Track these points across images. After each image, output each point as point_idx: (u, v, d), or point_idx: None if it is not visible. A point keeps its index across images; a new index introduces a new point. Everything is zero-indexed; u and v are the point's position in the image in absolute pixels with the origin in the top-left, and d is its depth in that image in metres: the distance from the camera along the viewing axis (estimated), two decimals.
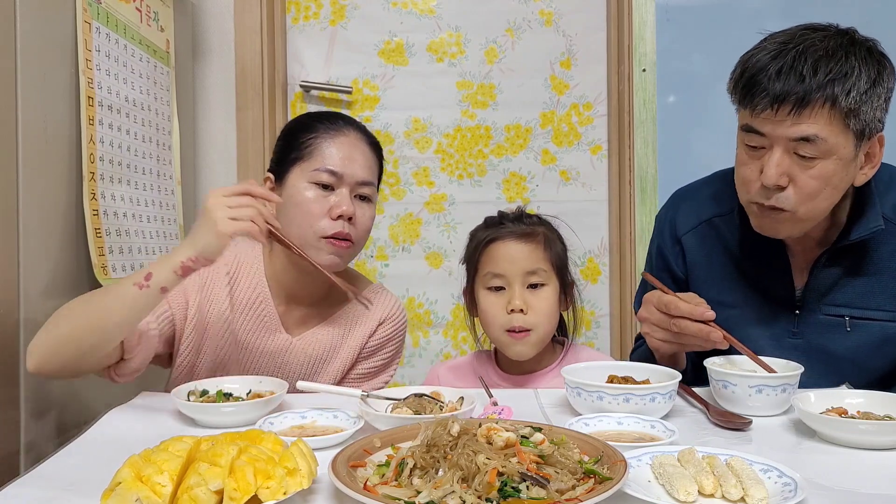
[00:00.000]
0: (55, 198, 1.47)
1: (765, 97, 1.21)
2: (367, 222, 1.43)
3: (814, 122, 1.19)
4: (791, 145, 1.22)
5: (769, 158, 1.24)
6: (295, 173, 1.40)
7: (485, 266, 1.44)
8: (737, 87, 1.28)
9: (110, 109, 1.66)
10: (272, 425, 1.08)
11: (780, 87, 1.20)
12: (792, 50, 1.22)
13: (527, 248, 1.42)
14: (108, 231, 1.61)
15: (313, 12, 2.51)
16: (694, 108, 2.37)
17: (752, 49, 1.28)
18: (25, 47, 1.35)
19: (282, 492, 0.79)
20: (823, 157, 1.22)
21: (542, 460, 0.82)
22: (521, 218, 1.47)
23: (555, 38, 2.52)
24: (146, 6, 1.86)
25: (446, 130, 2.52)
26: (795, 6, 2.31)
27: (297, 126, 1.46)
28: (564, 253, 1.48)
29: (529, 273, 1.41)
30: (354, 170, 1.40)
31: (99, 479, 0.82)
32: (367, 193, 1.43)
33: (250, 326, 1.44)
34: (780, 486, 0.83)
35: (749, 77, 1.25)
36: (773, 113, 1.21)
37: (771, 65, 1.22)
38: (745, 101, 1.25)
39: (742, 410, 1.15)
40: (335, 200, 1.38)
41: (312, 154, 1.40)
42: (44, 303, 1.40)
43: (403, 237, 2.53)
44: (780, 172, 1.23)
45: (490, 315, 1.43)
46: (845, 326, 1.36)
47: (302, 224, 1.38)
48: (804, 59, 1.20)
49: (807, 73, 1.19)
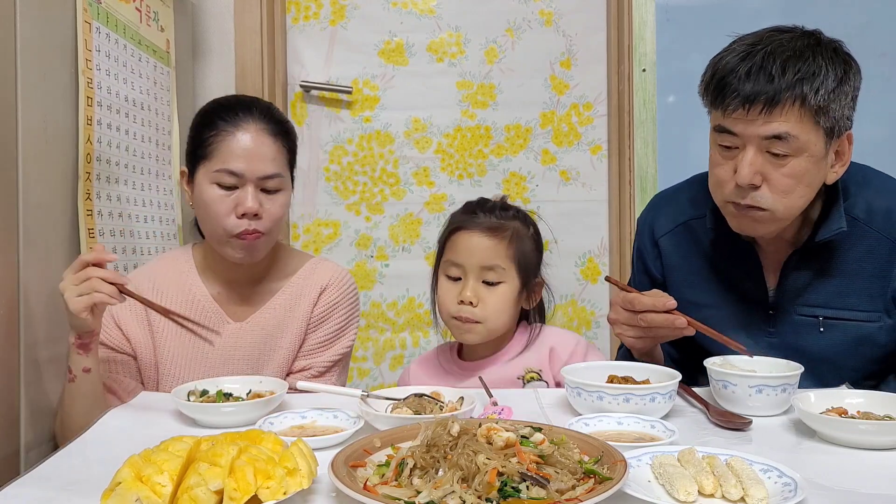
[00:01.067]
0: (55, 198, 1.47)
1: (736, 97, 1.23)
2: (276, 211, 1.43)
3: (785, 121, 1.22)
4: (763, 144, 1.24)
5: (742, 158, 1.26)
6: (200, 172, 1.42)
7: (447, 252, 1.45)
8: (708, 89, 1.31)
9: (109, 109, 1.66)
10: (272, 425, 1.08)
11: (750, 87, 1.22)
12: (760, 51, 1.25)
13: (489, 242, 1.41)
14: (101, 231, 1.61)
15: (313, 12, 2.51)
16: (694, 108, 2.34)
17: (722, 52, 1.31)
18: (25, 47, 1.35)
19: (282, 492, 0.79)
20: (795, 155, 1.24)
21: (542, 460, 0.82)
22: (495, 210, 1.45)
23: (555, 38, 2.52)
24: (146, 6, 1.86)
25: (446, 130, 2.52)
26: (795, 6, 2.31)
27: (200, 121, 1.46)
28: (535, 251, 1.46)
29: (486, 268, 1.41)
30: (256, 166, 1.39)
31: (99, 479, 0.82)
32: (273, 187, 1.42)
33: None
34: (780, 486, 0.83)
35: (720, 79, 1.27)
36: (744, 113, 1.23)
37: (740, 66, 1.25)
38: (717, 102, 1.28)
39: (742, 410, 1.15)
40: (240, 198, 1.39)
41: (213, 154, 1.40)
42: (43, 303, 1.40)
43: (403, 237, 2.53)
44: (754, 171, 1.25)
45: (442, 301, 1.45)
46: (819, 327, 1.37)
47: (211, 223, 1.42)
48: (773, 59, 1.23)
49: (776, 73, 1.22)
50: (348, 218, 2.52)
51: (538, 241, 1.49)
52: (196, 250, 1.54)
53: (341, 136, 2.52)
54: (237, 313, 1.50)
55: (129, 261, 1.71)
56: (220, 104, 1.47)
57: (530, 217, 1.50)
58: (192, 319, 1.34)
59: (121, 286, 1.25)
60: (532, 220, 1.49)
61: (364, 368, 2.52)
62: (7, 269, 1.32)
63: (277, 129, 1.45)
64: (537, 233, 1.49)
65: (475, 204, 1.48)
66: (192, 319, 1.34)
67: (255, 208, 1.38)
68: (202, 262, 1.52)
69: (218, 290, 1.50)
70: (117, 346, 1.44)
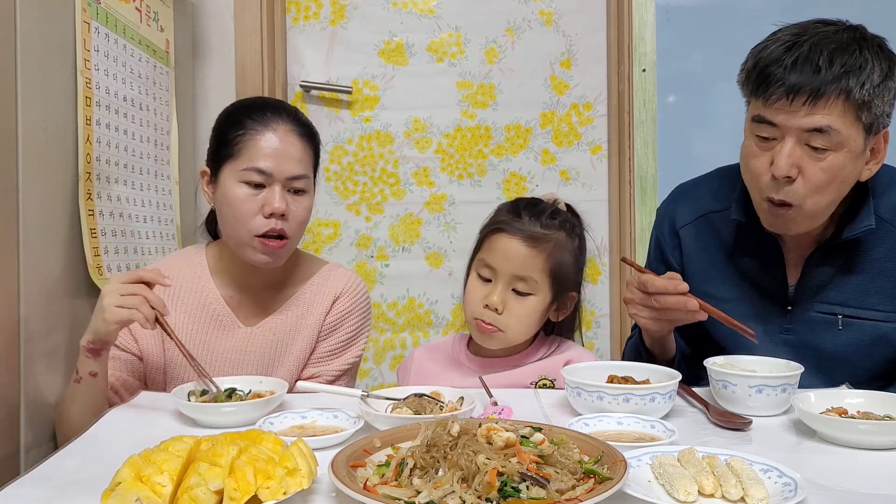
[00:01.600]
0: (55, 198, 1.47)
1: (780, 87, 1.22)
2: (301, 214, 1.43)
3: (828, 114, 1.20)
4: (803, 136, 1.23)
5: (780, 149, 1.24)
6: (226, 172, 1.40)
7: (483, 251, 1.40)
8: (749, 78, 1.28)
9: (108, 109, 1.66)
10: (272, 425, 1.08)
11: (795, 77, 1.21)
12: (807, 42, 1.23)
13: (527, 252, 1.35)
14: (103, 231, 1.61)
15: (313, 12, 2.51)
16: (694, 108, 2.37)
17: (765, 41, 1.29)
18: (25, 47, 1.35)
19: (282, 492, 0.79)
20: (835, 150, 1.23)
21: (542, 460, 0.82)
22: (542, 216, 1.38)
23: (555, 38, 2.52)
24: (146, 6, 1.86)
25: (446, 130, 2.52)
26: (795, 6, 2.30)
27: (226, 121, 1.45)
28: (574, 266, 1.40)
29: (518, 278, 1.35)
30: (285, 166, 1.39)
31: (99, 479, 0.82)
32: (301, 187, 1.42)
33: (206, 328, 1.45)
34: (780, 486, 0.83)
35: (763, 67, 1.25)
36: (787, 103, 1.22)
37: (786, 56, 1.23)
38: (759, 92, 1.26)
39: (742, 410, 1.15)
40: (267, 198, 1.37)
41: (241, 152, 1.39)
42: (43, 303, 1.40)
43: (403, 237, 2.53)
44: (791, 163, 1.24)
45: (469, 299, 1.40)
46: (837, 325, 1.36)
47: (235, 223, 1.39)
48: (819, 50, 1.21)
49: (822, 65, 1.20)
50: (348, 218, 2.52)
51: (580, 254, 1.43)
52: (210, 251, 1.52)
53: (341, 136, 2.52)
54: (249, 318, 1.49)
55: (130, 261, 1.71)
56: (246, 105, 1.48)
57: (579, 226, 1.43)
58: (203, 372, 1.26)
59: (159, 314, 1.24)
60: (580, 231, 1.43)
61: (364, 368, 2.52)
62: (7, 269, 1.32)
63: (304, 130, 1.45)
64: (581, 246, 1.43)
65: (524, 204, 1.41)
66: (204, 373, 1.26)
67: (282, 208, 1.37)
68: (216, 264, 1.50)
69: (230, 293, 1.48)
70: (124, 345, 1.43)
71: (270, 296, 1.50)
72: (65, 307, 1.47)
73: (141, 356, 1.44)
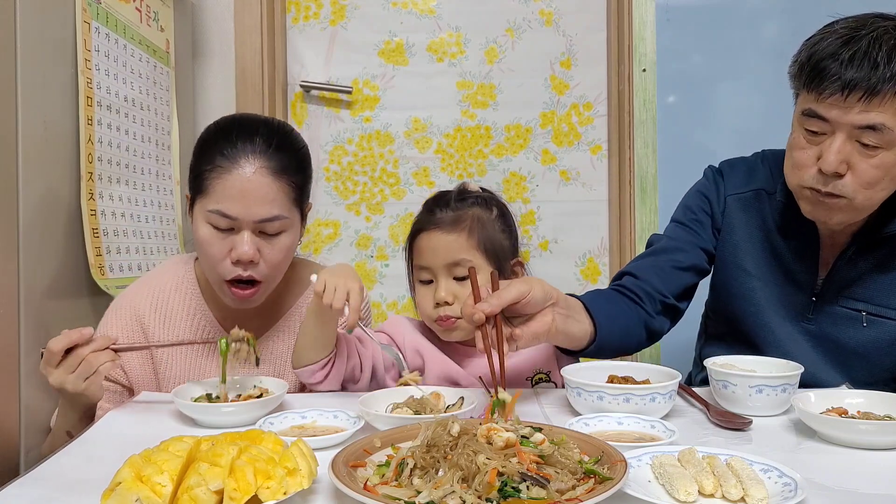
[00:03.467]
0: (55, 198, 1.47)
1: (836, 82, 1.19)
2: (276, 257, 1.31)
3: (883, 111, 1.18)
4: (855, 133, 1.21)
5: (830, 144, 1.22)
6: (197, 208, 1.31)
7: (415, 257, 1.41)
8: (802, 71, 1.25)
9: (109, 109, 1.66)
10: (272, 425, 1.08)
11: (852, 73, 1.18)
12: (866, 37, 1.20)
13: (449, 237, 1.35)
14: (105, 231, 1.61)
15: (313, 12, 2.51)
16: (694, 108, 2.37)
17: (820, 33, 1.26)
18: (25, 47, 1.35)
19: (282, 492, 0.79)
20: (886, 148, 1.21)
21: (542, 460, 0.82)
22: (451, 202, 1.38)
23: (555, 38, 2.52)
24: (146, 6, 1.86)
25: (446, 130, 2.52)
26: (795, 6, 2.31)
27: (200, 151, 1.33)
28: (503, 232, 1.39)
29: (452, 265, 1.35)
30: (252, 210, 1.26)
31: (99, 479, 0.82)
32: (273, 230, 1.29)
33: (201, 352, 1.40)
34: (780, 486, 0.83)
35: (818, 61, 1.22)
36: (841, 99, 1.19)
37: (843, 50, 1.20)
38: (812, 85, 1.23)
39: (742, 410, 1.15)
40: (235, 242, 1.27)
41: (208, 191, 1.27)
42: (43, 303, 1.40)
43: (403, 237, 2.51)
44: (841, 160, 1.22)
45: (421, 308, 1.40)
46: (861, 321, 1.35)
47: (206, 266, 1.33)
48: (878, 46, 1.18)
49: (881, 61, 1.17)
50: (348, 218, 2.52)
51: (506, 221, 1.42)
52: (199, 267, 1.43)
53: (341, 136, 2.52)
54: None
55: (133, 261, 1.71)
56: (220, 129, 1.34)
57: (494, 198, 1.43)
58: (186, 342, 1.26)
59: (112, 348, 1.19)
60: (497, 201, 1.42)
61: None
62: (7, 269, 1.32)
63: (282, 164, 1.29)
64: (503, 213, 1.42)
65: (432, 200, 1.42)
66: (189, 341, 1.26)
67: (249, 254, 1.26)
68: (206, 283, 1.40)
69: (223, 314, 1.41)
70: (113, 377, 1.36)
71: (266, 313, 1.43)
72: (65, 307, 1.47)
73: (131, 387, 1.38)
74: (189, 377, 1.37)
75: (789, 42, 1.35)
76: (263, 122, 1.36)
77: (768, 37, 2.33)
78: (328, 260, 2.45)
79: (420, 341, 1.43)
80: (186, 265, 1.44)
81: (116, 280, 1.60)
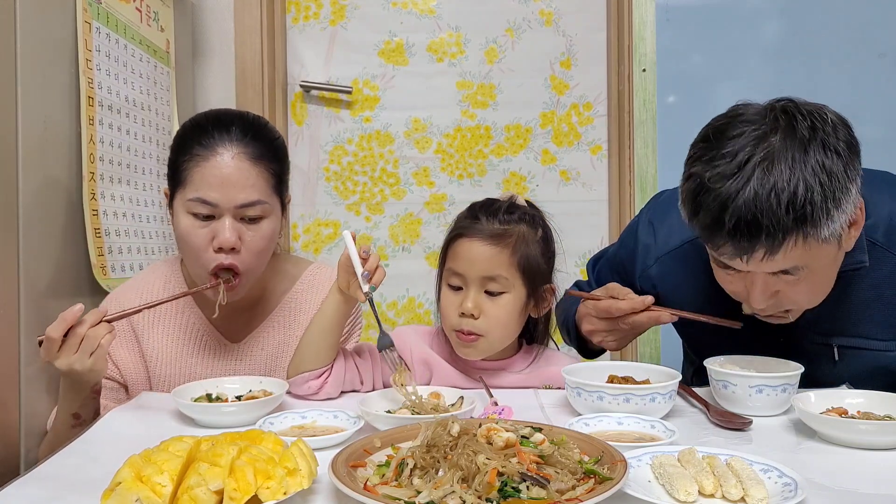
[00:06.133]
0: (55, 198, 1.47)
1: (729, 251, 1.10)
2: (258, 244, 1.32)
3: (791, 256, 1.09)
4: (772, 276, 1.13)
5: (753, 287, 1.15)
6: (177, 200, 1.32)
7: (449, 260, 1.35)
8: (692, 223, 1.15)
9: (110, 109, 1.66)
10: (272, 425, 1.08)
11: (743, 243, 1.07)
12: (748, 184, 1.06)
13: (491, 251, 1.30)
14: (107, 231, 1.61)
15: (313, 12, 2.51)
16: (694, 108, 2.37)
17: (700, 179, 1.11)
18: (25, 47, 1.35)
19: (282, 492, 0.79)
20: (809, 273, 1.13)
21: (542, 460, 0.82)
22: (499, 213, 1.34)
23: (555, 38, 2.52)
24: (146, 6, 1.86)
25: (446, 130, 2.52)
26: (795, 6, 2.31)
27: (176, 145, 1.35)
28: (543, 256, 1.35)
29: (487, 279, 1.30)
30: (231, 194, 1.27)
31: (99, 479, 0.82)
32: (254, 215, 1.30)
33: (190, 350, 1.41)
34: (780, 486, 0.83)
35: (702, 229, 1.12)
36: (743, 263, 1.11)
37: (724, 216, 1.07)
38: (710, 246, 1.14)
39: (742, 410, 1.15)
40: (216, 229, 1.28)
41: (187, 181, 1.29)
42: (43, 303, 1.40)
43: (403, 237, 2.53)
44: (769, 296, 1.15)
45: (444, 312, 1.35)
46: (833, 356, 1.30)
47: (188, 257, 1.33)
48: (760, 203, 1.05)
49: (769, 209, 1.04)
50: (348, 218, 2.52)
51: (548, 244, 1.38)
52: (185, 267, 1.43)
53: (341, 136, 2.52)
54: (235, 333, 1.43)
55: (135, 260, 1.71)
56: (196, 124, 1.35)
57: (540, 217, 1.39)
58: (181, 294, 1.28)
59: (105, 319, 1.19)
60: (542, 221, 1.38)
61: None
62: (7, 269, 1.32)
63: (259, 151, 1.32)
64: (547, 235, 1.38)
65: (479, 207, 1.37)
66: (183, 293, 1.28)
67: (231, 241, 1.27)
68: (193, 282, 1.40)
69: (210, 310, 1.39)
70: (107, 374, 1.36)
71: (255, 308, 1.44)
72: (65, 307, 1.46)
73: (125, 383, 1.40)
74: (179, 374, 1.38)
75: (789, 42, 1.34)
76: (238, 114, 1.39)
77: (768, 37, 2.33)
78: (328, 260, 2.45)
79: (428, 353, 1.40)
80: (173, 265, 1.47)
81: (119, 280, 1.60)
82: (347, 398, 1.29)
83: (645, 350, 2.36)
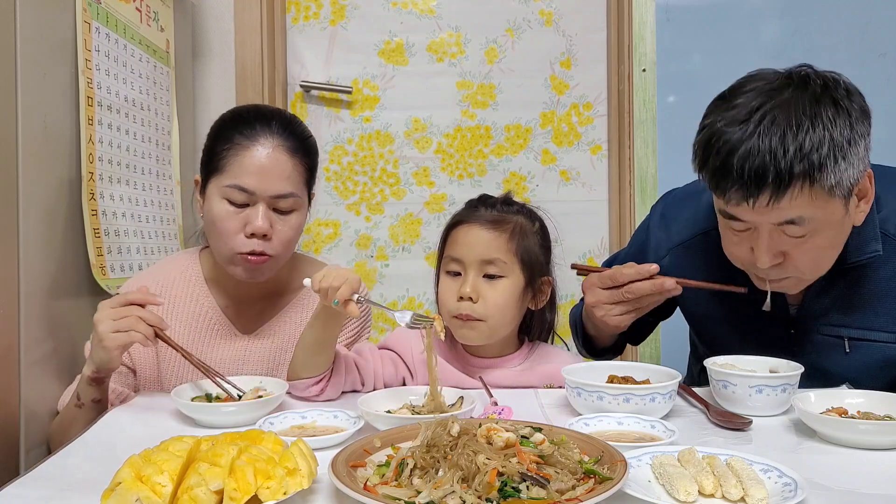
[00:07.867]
0: (55, 198, 1.47)
1: (737, 192, 1.13)
2: (288, 234, 1.37)
3: (796, 205, 1.12)
4: (777, 228, 1.16)
5: (759, 242, 1.17)
6: (212, 186, 1.36)
7: (448, 248, 1.38)
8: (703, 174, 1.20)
9: (110, 109, 1.66)
10: (272, 425, 1.08)
11: (751, 182, 1.10)
12: (762, 123, 1.11)
13: (489, 235, 1.34)
14: (106, 231, 1.61)
15: (313, 12, 2.51)
16: (694, 108, 2.33)
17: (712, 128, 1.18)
18: (25, 47, 1.35)
19: (282, 492, 0.79)
20: (815, 232, 1.15)
21: (542, 460, 0.82)
22: (498, 205, 1.39)
23: (555, 38, 2.52)
24: (146, 6, 1.86)
25: (446, 130, 2.52)
26: (795, 6, 2.31)
27: (216, 133, 1.40)
28: (540, 248, 1.39)
29: (486, 262, 1.33)
30: (268, 184, 1.33)
31: (99, 479, 0.82)
32: (286, 207, 1.36)
33: (203, 338, 1.42)
34: (780, 486, 0.83)
35: (712, 172, 1.16)
36: (749, 207, 1.13)
37: (732, 161, 1.12)
38: (718, 192, 1.18)
39: (742, 410, 1.15)
40: (250, 216, 1.32)
41: (226, 168, 1.34)
42: (44, 302, 1.40)
43: (403, 237, 2.53)
44: (773, 255, 1.17)
45: (442, 298, 1.37)
46: (844, 347, 1.30)
47: (218, 241, 1.36)
48: (769, 139, 1.10)
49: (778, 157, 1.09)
50: (348, 218, 2.53)
51: (545, 237, 1.42)
52: (204, 258, 1.48)
53: (341, 136, 2.52)
54: (247, 325, 1.46)
55: (134, 261, 1.71)
56: (238, 115, 1.41)
57: (536, 213, 1.43)
58: (217, 372, 1.26)
59: (158, 329, 1.22)
60: (538, 217, 1.42)
61: None
62: (7, 269, 1.32)
63: (296, 145, 1.38)
64: (544, 230, 1.42)
65: (477, 200, 1.42)
66: (219, 375, 1.26)
67: (264, 228, 1.32)
68: (210, 272, 1.46)
69: (227, 301, 1.45)
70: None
71: (268, 302, 1.47)
72: (65, 307, 1.48)
73: (134, 369, 1.41)
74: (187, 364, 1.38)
75: (789, 42, 1.34)
76: (277, 110, 1.45)
77: (768, 37, 2.33)
78: (328, 260, 2.45)
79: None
80: (191, 256, 1.50)
81: (118, 280, 1.60)
82: (347, 398, 1.30)
83: (645, 350, 2.36)
